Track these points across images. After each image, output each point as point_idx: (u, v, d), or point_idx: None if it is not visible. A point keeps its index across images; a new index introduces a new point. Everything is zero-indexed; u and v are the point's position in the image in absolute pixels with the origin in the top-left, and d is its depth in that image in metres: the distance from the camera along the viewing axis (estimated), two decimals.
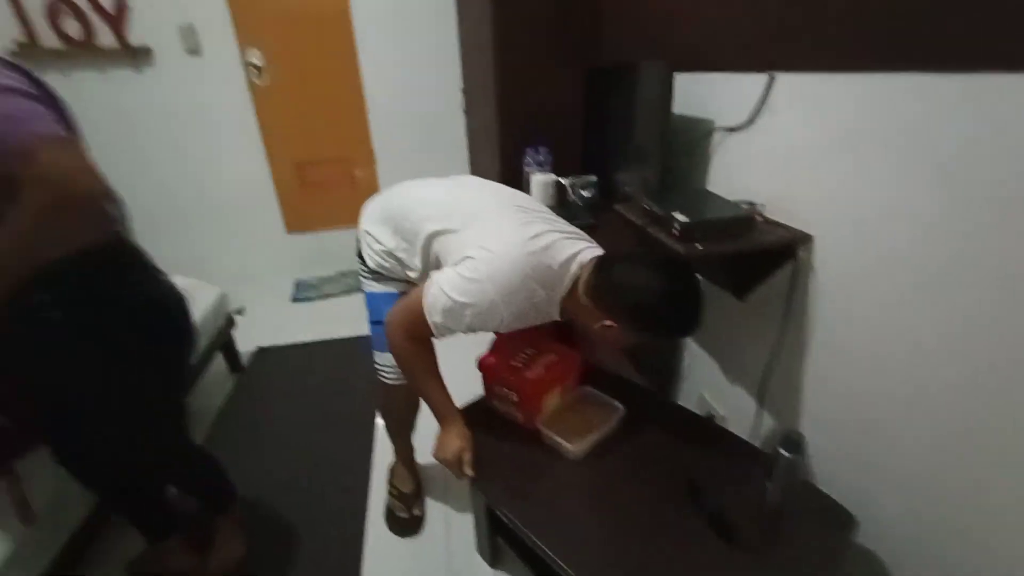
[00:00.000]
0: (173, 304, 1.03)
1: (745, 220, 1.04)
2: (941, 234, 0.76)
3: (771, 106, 1.08)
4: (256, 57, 2.60)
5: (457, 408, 1.10)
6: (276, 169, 2.87)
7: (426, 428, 1.51)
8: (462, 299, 0.92)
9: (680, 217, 1.02)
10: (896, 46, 0.79)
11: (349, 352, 2.29)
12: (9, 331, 0.88)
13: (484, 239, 0.97)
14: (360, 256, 1.21)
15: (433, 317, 0.95)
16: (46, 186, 0.72)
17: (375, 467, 1.62)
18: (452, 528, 1.41)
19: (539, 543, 0.89)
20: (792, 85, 1.02)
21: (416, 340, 1.01)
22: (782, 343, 1.11)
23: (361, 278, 1.23)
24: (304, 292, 2.89)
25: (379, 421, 1.76)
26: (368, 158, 2.93)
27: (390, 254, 1.13)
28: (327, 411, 1.92)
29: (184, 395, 1.10)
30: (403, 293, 1.11)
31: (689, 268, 0.93)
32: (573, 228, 1.08)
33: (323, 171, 2.95)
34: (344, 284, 2.94)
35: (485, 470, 1.04)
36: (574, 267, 0.96)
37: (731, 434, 1.12)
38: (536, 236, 0.96)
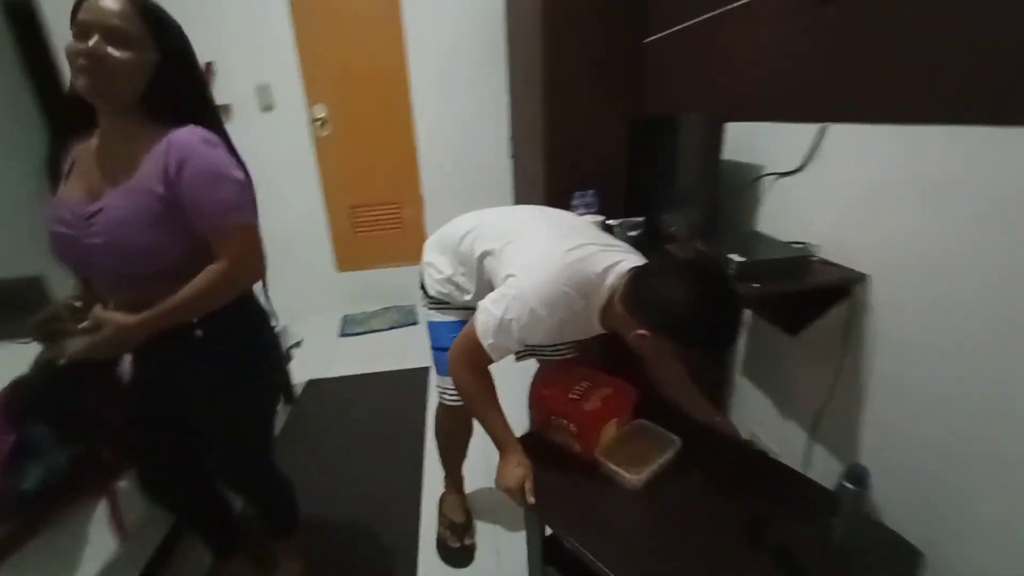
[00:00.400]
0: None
1: (800, 260, 1.09)
2: (1014, 278, 0.78)
3: (823, 152, 1.14)
4: (321, 111, 2.85)
5: (515, 437, 1.15)
6: (331, 211, 3.07)
7: (476, 458, 1.56)
8: (507, 315, 0.97)
9: (736, 257, 1.07)
10: (965, 99, 0.83)
11: (394, 385, 2.37)
12: (147, 357, 1.00)
13: (524, 256, 1.04)
14: (423, 287, 1.30)
15: (486, 340, 1.00)
16: (231, 267, 0.89)
17: (425, 497, 1.66)
18: (503, 558, 1.42)
19: (604, 570, 0.91)
20: (844, 131, 1.08)
21: (476, 370, 1.07)
22: (838, 380, 1.12)
23: (425, 309, 1.32)
24: (351, 327, 3.01)
25: (428, 451, 1.81)
26: (417, 201, 3.10)
27: (449, 280, 1.22)
28: (375, 442, 1.98)
29: (274, 418, 1.20)
30: (463, 321, 1.16)
31: (725, 279, 0.94)
32: (616, 241, 1.13)
33: (374, 213, 3.14)
34: (388, 319, 3.05)
35: (544, 499, 1.07)
36: (611, 277, 1.00)
37: (789, 468, 1.11)
38: (573, 248, 1.01)
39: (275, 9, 2.62)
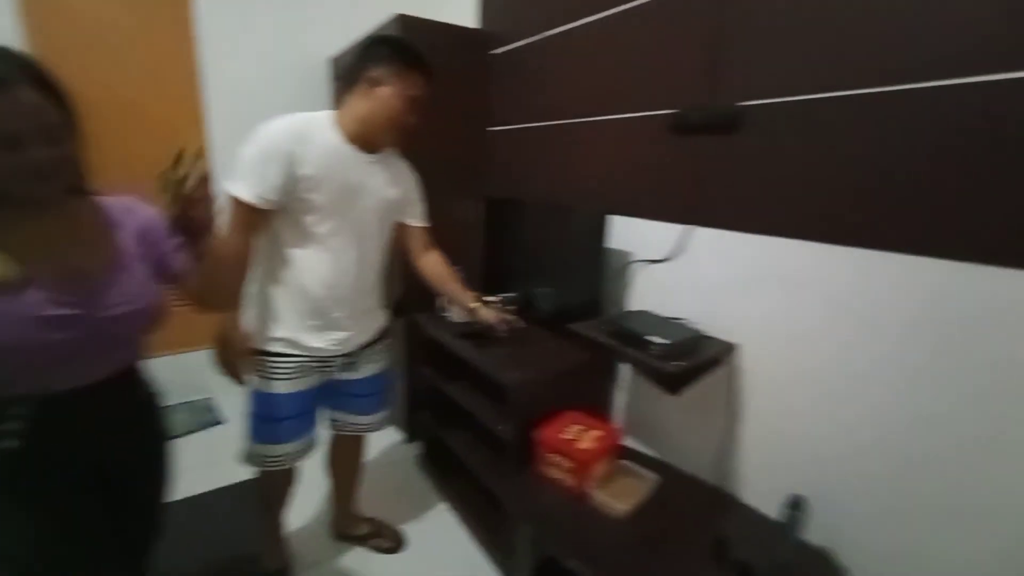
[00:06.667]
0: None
1: (702, 338, 1.42)
2: (854, 351, 1.09)
3: (688, 247, 1.42)
4: None
5: None
6: None
7: None
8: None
9: (658, 340, 1.22)
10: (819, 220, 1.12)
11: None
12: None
13: None
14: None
15: (232, 185, 1.09)
16: None
17: None
18: None
19: None
20: (706, 232, 1.38)
21: (236, 231, 1.10)
22: (728, 432, 1.38)
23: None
24: None
25: None
26: None
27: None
28: None
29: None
30: (300, 392, 1.28)
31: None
32: None
33: None
34: (182, 424, 2.36)
35: (543, 525, 1.16)
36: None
37: (739, 501, 1.32)
38: None
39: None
